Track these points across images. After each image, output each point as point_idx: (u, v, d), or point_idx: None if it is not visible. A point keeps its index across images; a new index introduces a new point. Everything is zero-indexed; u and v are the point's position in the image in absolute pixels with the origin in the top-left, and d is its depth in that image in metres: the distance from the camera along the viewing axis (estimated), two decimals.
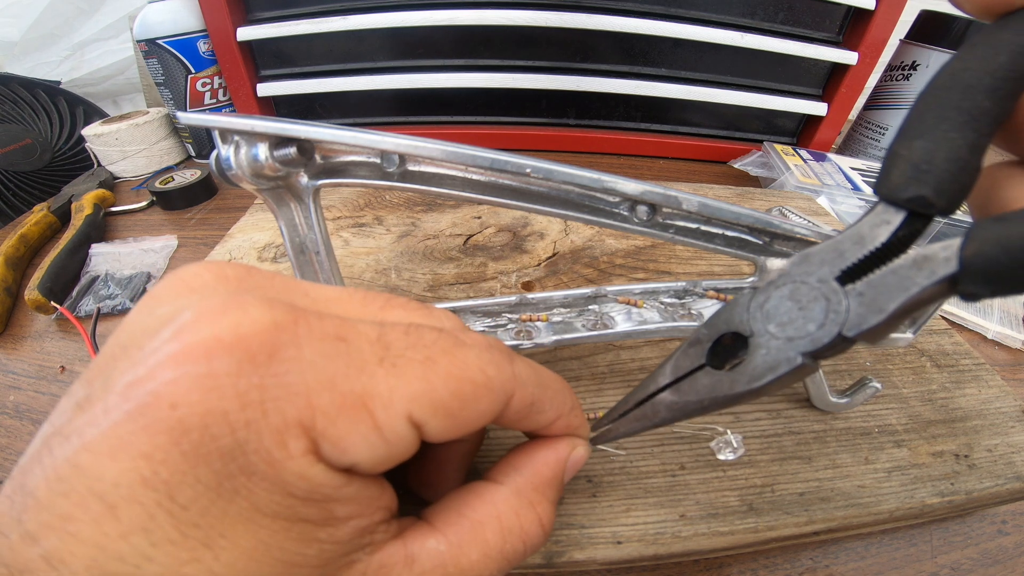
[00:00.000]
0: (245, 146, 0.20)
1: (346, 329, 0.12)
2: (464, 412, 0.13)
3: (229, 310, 0.11)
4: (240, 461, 0.10)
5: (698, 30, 0.51)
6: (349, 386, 0.12)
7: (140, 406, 0.10)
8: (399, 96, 0.60)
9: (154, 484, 0.10)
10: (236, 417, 0.10)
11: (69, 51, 0.62)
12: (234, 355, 0.11)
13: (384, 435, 0.12)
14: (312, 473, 0.11)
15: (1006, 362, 0.34)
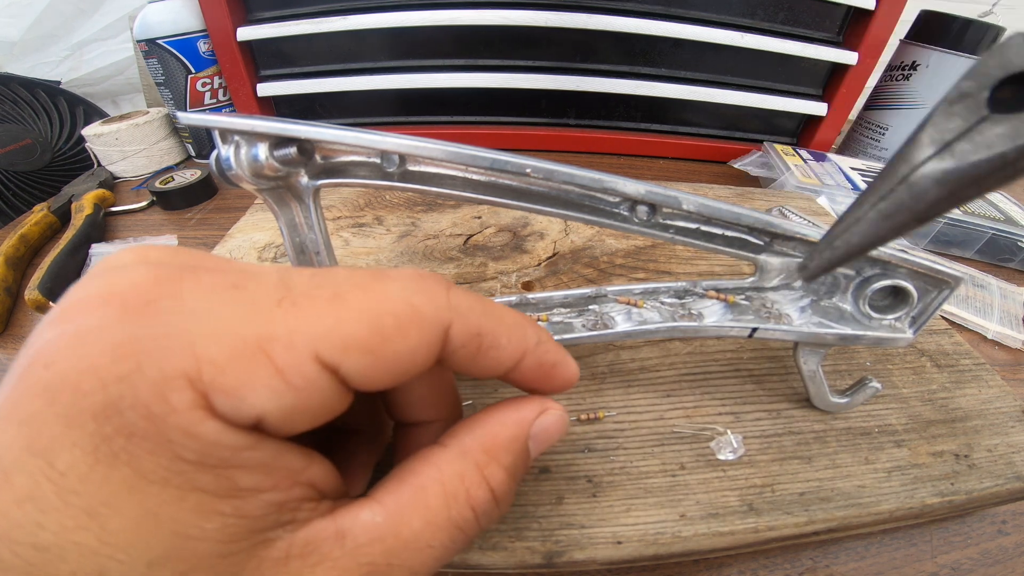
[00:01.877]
0: (245, 146, 0.20)
1: (242, 277, 0.12)
2: (388, 347, 0.12)
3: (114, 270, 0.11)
4: (115, 421, 0.10)
5: (698, 30, 0.51)
6: (241, 330, 0.11)
7: (21, 370, 0.10)
8: (399, 96, 0.60)
9: (35, 450, 0.09)
10: (107, 372, 0.10)
11: (69, 51, 0.62)
12: (106, 309, 0.10)
13: (288, 379, 0.11)
14: (204, 430, 0.10)
15: (1006, 362, 0.34)
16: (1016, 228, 0.43)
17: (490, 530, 0.19)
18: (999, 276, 0.41)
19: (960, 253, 0.45)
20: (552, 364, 0.15)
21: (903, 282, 0.21)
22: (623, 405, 0.25)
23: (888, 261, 0.21)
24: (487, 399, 0.25)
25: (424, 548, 0.12)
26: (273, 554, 0.11)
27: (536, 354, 0.15)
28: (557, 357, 0.15)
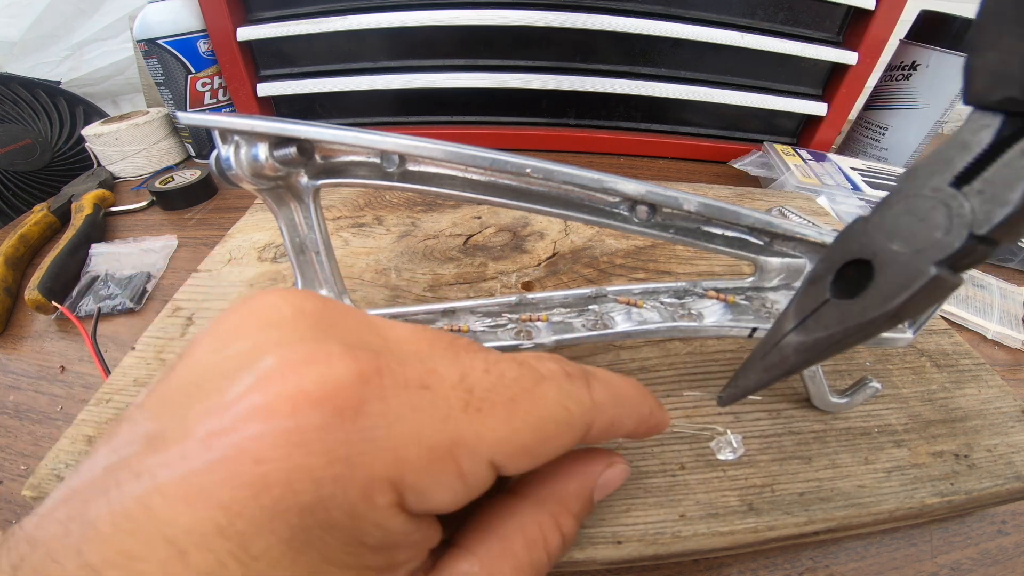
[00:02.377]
0: (245, 146, 0.20)
1: (428, 376, 0.12)
2: (544, 450, 0.13)
3: (314, 360, 0.11)
4: (320, 516, 0.10)
5: (698, 30, 0.51)
6: (436, 437, 0.12)
7: (223, 459, 0.10)
8: (399, 96, 0.60)
9: (228, 534, 0.10)
10: (322, 474, 0.10)
11: (69, 51, 0.62)
12: (322, 410, 0.11)
13: (467, 481, 0.12)
14: (393, 524, 0.11)
15: (1006, 362, 0.34)
16: None
17: None
18: (999, 276, 0.41)
19: None
20: (656, 426, 0.17)
21: None
22: None
23: None
24: None
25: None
26: None
27: (648, 423, 0.17)
28: (660, 418, 0.17)
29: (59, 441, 0.23)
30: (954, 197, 0.13)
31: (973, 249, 0.13)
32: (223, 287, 0.33)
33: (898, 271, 0.13)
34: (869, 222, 0.15)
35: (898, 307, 0.13)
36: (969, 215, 0.13)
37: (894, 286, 0.13)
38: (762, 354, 0.17)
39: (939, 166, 0.13)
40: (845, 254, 0.15)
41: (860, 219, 0.15)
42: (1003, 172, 0.12)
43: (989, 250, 0.13)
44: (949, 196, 0.13)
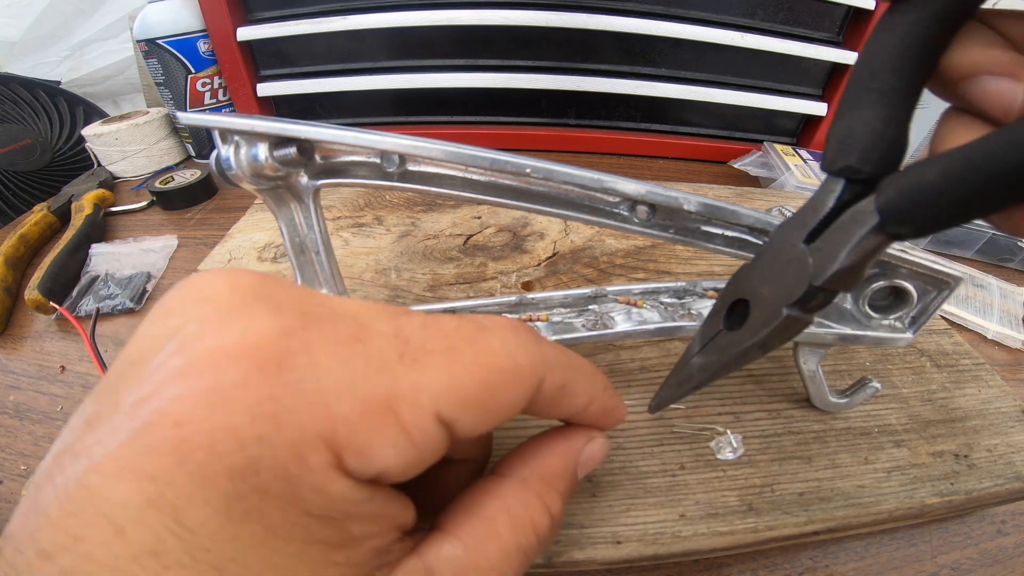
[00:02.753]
0: (245, 146, 0.20)
1: (360, 330, 0.12)
2: (495, 402, 0.12)
3: (234, 318, 0.11)
4: (251, 480, 0.10)
5: (698, 30, 0.51)
6: (371, 389, 0.11)
7: (145, 425, 0.10)
8: (399, 96, 0.60)
9: (160, 506, 0.09)
10: (246, 432, 0.10)
11: (69, 51, 0.62)
12: (241, 365, 0.10)
13: (413, 437, 0.11)
14: (334, 489, 0.10)
15: (1006, 362, 0.34)
16: None
17: None
18: (999, 276, 0.41)
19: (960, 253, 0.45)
20: (611, 409, 0.17)
21: (903, 282, 0.21)
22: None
23: (888, 261, 0.21)
24: None
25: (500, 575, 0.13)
26: None
27: (601, 400, 0.16)
28: (615, 402, 0.17)
29: None
30: (803, 253, 0.15)
31: (815, 296, 0.15)
32: None
33: (764, 311, 0.16)
34: (752, 268, 0.17)
35: (763, 340, 0.16)
36: (810, 269, 0.15)
37: (760, 323, 0.16)
38: (677, 370, 0.19)
39: (798, 224, 0.16)
40: (734, 293, 0.18)
41: (746, 264, 0.18)
42: (836, 234, 0.15)
43: (830, 296, 0.15)
44: (801, 252, 0.15)
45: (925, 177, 0.12)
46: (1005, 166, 0.11)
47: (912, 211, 0.13)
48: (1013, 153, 0.11)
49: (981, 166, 0.11)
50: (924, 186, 0.12)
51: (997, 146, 0.11)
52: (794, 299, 0.15)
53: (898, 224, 0.13)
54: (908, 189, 0.13)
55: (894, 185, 0.13)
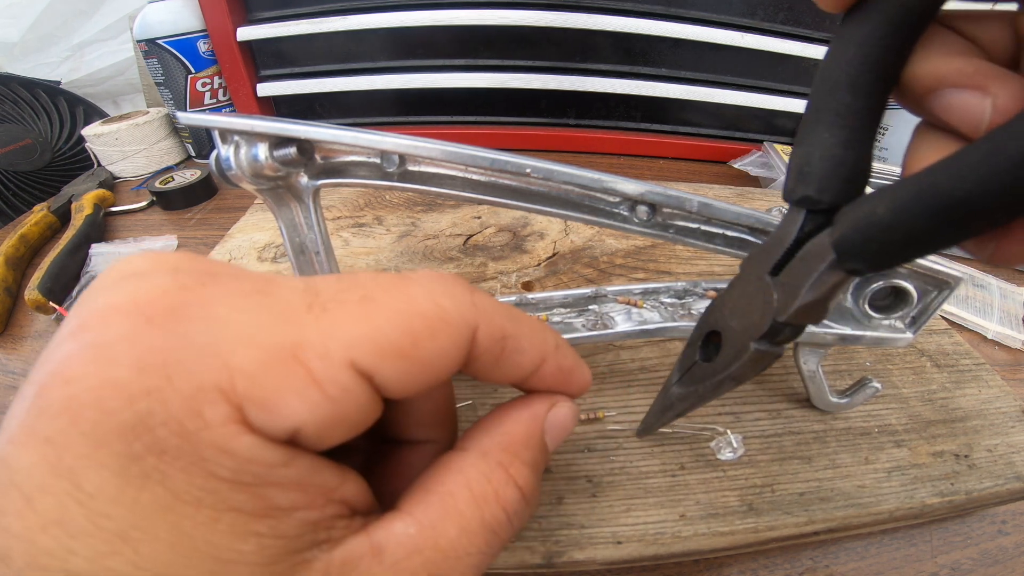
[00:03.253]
0: (245, 146, 0.20)
1: (267, 284, 0.11)
2: (420, 351, 0.11)
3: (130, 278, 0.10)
4: (145, 438, 0.09)
5: (698, 30, 0.51)
6: (272, 338, 0.10)
7: (40, 388, 0.10)
8: (399, 96, 0.59)
9: (60, 471, 0.09)
10: (134, 386, 0.09)
11: (69, 52, 0.62)
12: (128, 319, 0.10)
13: (325, 388, 0.10)
14: (239, 446, 0.10)
15: (1006, 362, 0.34)
16: None
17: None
18: (999, 276, 0.41)
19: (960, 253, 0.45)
20: (569, 369, 0.15)
21: (903, 282, 0.21)
22: (623, 405, 0.25)
23: None
24: (487, 399, 0.25)
25: (463, 556, 0.12)
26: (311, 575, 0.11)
27: (555, 358, 0.15)
28: (574, 362, 0.16)
29: None
30: (769, 286, 0.15)
31: (781, 330, 0.15)
32: None
33: (733, 344, 0.16)
34: (723, 299, 0.17)
35: (732, 374, 0.16)
36: (775, 303, 0.14)
37: (730, 356, 0.16)
38: (660, 398, 0.19)
39: (764, 257, 0.15)
40: (707, 325, 0.17)
41: (719, 295, 0.17)
42: (798, 267, 0.14)
43: (798, 329, 0.15)
44: (766, 285, 0.15)
45: (876, 212, 0.11)
46: (952, 201, 0.10)
47: (866, 247, 0.12)
48: (960, 186, 0.10)
49: (929, 201, 0.10)
50: (875, 221, 0.11)
51: (945, 178, 0.10)
52: (760, 333, 0.15)
53: (853, 260, 0.12)
54: (860, 224, 0.12)
55: (848, 218, 0.12)
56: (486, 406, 0.25)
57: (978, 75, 0.11)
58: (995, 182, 0.09)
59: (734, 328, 0.16)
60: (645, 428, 0.20)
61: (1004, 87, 0.11)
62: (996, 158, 0.09)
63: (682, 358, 0.19)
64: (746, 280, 0.16)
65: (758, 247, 0.16)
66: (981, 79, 0.11)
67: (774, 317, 0.14)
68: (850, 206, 0.12)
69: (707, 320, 0.18)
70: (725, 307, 0.17)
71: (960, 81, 0.11)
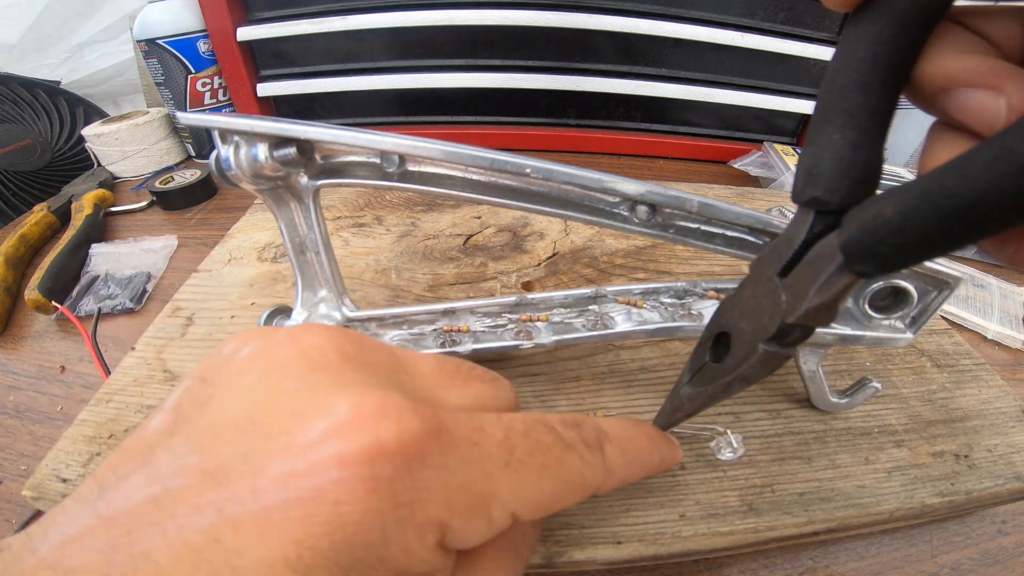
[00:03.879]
0: (245, 146, 0.20)
1: (478, 433, 0.14)
2: (555, 507, 0.15)
3: (387, 415, 0.13)
4: (380, 551, 0.11)
5: (698, 30, 0.51)
6: (479, 490, 0.13)
7: (301, 498, 0.11)
8: (399, 96, 0.60)
9: (295, 566, 0.11)
10: (389, 516, 0.11)
11: (68, 53, 0.62)
12: (395, 462, 0.12)
13: (493, 527, 0.13)
14: (435, 559, 0.12)
15: (1006, 362, 0.34)
16: None
17: None
18: (999, 276, 0.41)
19: (960, 253, 0.45)
20: (666, 468, 0.19)
21: (903, 282, 0.21)
22: (623, 405, 0.25)
23: None
24: None
25: None
26: None
27: (656, 470, 0.19)
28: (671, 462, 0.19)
29: (59, 441, 0.23)
30: (777, 287, 0.15)
31: (790, 331, 0.15)
32: (223, 287, 0.33)
33: (743, 345, 0.16)
34: (733, 300, 0.17)
35: (743, 375, 0.16)
36: (783, 305, 0.14)
37: (739, 357, 0.16)
38: (671, 398, 0.20)
39: (774, 257, 0.15)
40: (718, 326, 0.18)
41: (729, 296, 0.17)
42: (806, 270, 0.14)
43: (807, 331, 0.15)
44: (775, 286, 0.15)
45: (884, 213, 0.11)
46: (962, 202, 0.10)
47: (874, 249, 0.12)
48: (970, 187, 0.09)
49: (938, 202, 0.10)
50: (883, 223, 0.11)
51: (954, 179, 0.10)
52: (769, 335, 0.15)
53: (862, 263, 0.12)
54: (868, 226, 0.12)
55: (856, 220, 0.12)
56: None
57: (992, 74, 0.11)
58: (1006, 183, 0.09)
59: (743, 329, 0.16)
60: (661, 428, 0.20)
61: (1019, 85, 0.11)
62: (1006, 158, 0.09)
63: (692, 358, 0.19)
64: (755, 281, 0.16)
65: (768, 248, 0.16)
66: (995, 78, 0.11)
67: (783, 319, 0.14)
68: (859, 208, 0.12)
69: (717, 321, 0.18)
70: (735, 308, 0.17)
71: (973, 80, 0.11)
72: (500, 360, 0.27)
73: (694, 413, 0.19)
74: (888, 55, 0.12)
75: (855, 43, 0.12)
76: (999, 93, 0.11)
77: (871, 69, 0.12)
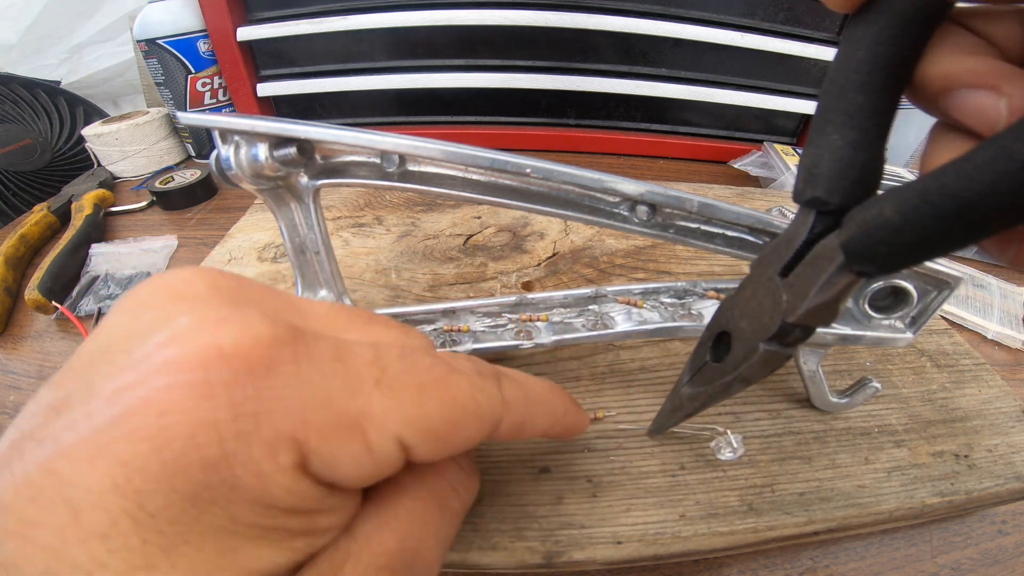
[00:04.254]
0: (245, 146, 0.20)
1: (343, 350, 0.13)
2: (452, 437, 0.13)
3: (231, 320, 0.11)
4: (224, 473, 0.10)
5: (698, 30, 0.51)
6: (345, 406, 0.12)
7: (126, 411, 0.10)
8: (399, 96, 0.59)
9: (124, 491, 0.10)
10: (227, 428, 0.10)
11: (66, 54, 0.62)
12: (233, 366, 0.11)
13: (374, 455, 0.12)
14: (300, 487, 0.11)
15: (1006, 362, 0.34)
16: None
17: (483, 531, 0.19)
18: (999, 276, 0.41)
19: (960, 253, 0.45)
20: (571, 426, 0.18)
21: (903, 282, 0.21)
22: (623, 405, 0.25)
23: None
24: None
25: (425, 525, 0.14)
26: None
27: (562, 423, 0.18)
28: (576, 419, 0.18)
29: None
30: (778, 287, 0.15)
31: (791, 331, 0.14)
32: None
33: (743, 345, 0.16)
34: (734, 299, 0.17)
35: (743, 374, 0.16)
36: (784, 305, 0.14)
37: (740, 357, 0.16)
38: (671, 397, 0.20)
39: (774, 257, 0.15)
40: (718, 325, 0.18)
41: (730, 295, 0.17)
42: (807, 270, 0.14)
43: (808, 331, 0.15)
44: (776, 286, 0.15)
45: (884, 213, 0.11)
46: (960, 202, 0.10)
47: (874, 249, 0.12)
48: (968, 187, 0.09)
49: (938, 203, 0.10)
50: (883, 223, 0.11)
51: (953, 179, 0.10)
52: (770, 334, 0.15)
53: (862, 263, 0.12)
54: (868, 226, 0.12)
55: (856, 220, 0.12)
56: None
57: (992, 75, 0.11)
58: (1004, 183, 0.09)
59: (744, 329, 0.16)
60: (656, 428, 0.20)
61: (1019, 86, 0.11)
62: (1005, 159, 0.09)
63: (693, 358, 0.19)
64: (756, 281, 0.16)
65: (768, 248, 0.16)
66: (995, 79, 0.11)
67: (783, 318, 0.14)
68: (859, 208, 0.12)
69: (718, 321, 0.18)
70: (735, 308, 0.17)
71: (973, 81, 0.11)
72: (500, 360, 0.27)
73: (694, 413, 0.19)
74: (889, 56, 0.12)
75: (856, 44, 0.12)
76: (999, 94, 0.11)
77: (871, 70, 0.12)
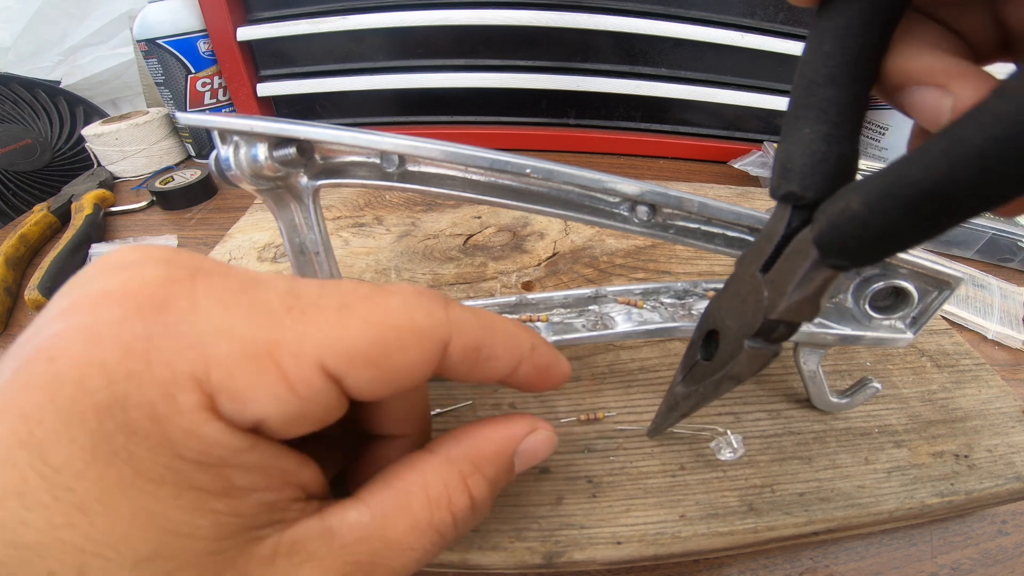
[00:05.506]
0: (245, 146, 0.20)
1: (252, 283, 0.12)
2: (390, 361, 0.12)
3: (126, 268, 0.11)
4: (119, 418, 0.10)
5: (698, 30, 0.51)
6: (251, 334, 0.11)
7: (23, 363, 0.10)
8: (399, 96, 0.59)
9: (29, 445, 0.09)
10: (115, 368, 0.10)
11: (62, 55, 0.62)
12: (120, 305, 0.10)
13: (294, 387, 0.11)
14: (206, 431, 0.10)
15: (1006, 362, 0.34)
16: (1016, 228, 0.43)
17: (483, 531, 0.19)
18: (999, 276, 0.41)
19: (960, 253, 0.45)
20: (546, 367, 0.16)
21: (904, 282, 0.21)
22: (623, 405, 0.25)
23: (889, 262, 0.21)
24: (487, 399, 0.25)
25: (407, 550, 0.13)
26: (261, 552, 0.11)
27: (531, 360, 0.15)
28: (550, 359, 0.16)
29: None
30: (760, 284, 0.14)
31: (774, 327, 0.14)
32: None
33: (729, 343, 0.16)
34: (720, 298, 0.17)
35: (732, 372, 0.16)
36: (765, 301, 0.14)
37: (726, 355, 0.16)
38: (667, 398, 0.20)
39: (756, 254, 0.15)
40: (707, 324, 0.18)
41: (717, 294, 0.17)
42: (785, 265, 0.14)
43: (793, 326, 0.15)
44: (758, 283, 0.15)
45: (851, 207, 0.11)
46: (919, 191, 0.10)
47: (845, 243, 0.12)
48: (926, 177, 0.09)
49: (899, 193, 0.10)
50: (850, 216, 0.11)
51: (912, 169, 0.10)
52: (754, 331, 0.14)
53: (835, 257, 0.12)
54: (836, 220, 0.12)
55: (826, 214, 0.12)
56: (486, 407, 0.25)
57: (943, 73, 0.11)
58: (960, 171, 0.09)
59: (730, 327, 0.16)
60: (655, 428, 0.20)
61: (966, 85, 0.11)
62: (959, 146, 0.09)
63: (685, 358, 0.19)
64: (740, 278, 0.16)
65: (752, 244, 0.16)
66: (944, 77, 0.11)
67: (765, 315, 0.14)
68: (829, 201, 0.12)
69: (706, 319, 0.18)
70: (722, 306, 0.17)
71: (924, 78, 0.11)
72: None
73: (689, 412, 0.18)
74: (855, 49, 0.12)
75: (822, 37, 0.12)
76: (946, 92, 0.11)
77: (840, 63, 0.12)
